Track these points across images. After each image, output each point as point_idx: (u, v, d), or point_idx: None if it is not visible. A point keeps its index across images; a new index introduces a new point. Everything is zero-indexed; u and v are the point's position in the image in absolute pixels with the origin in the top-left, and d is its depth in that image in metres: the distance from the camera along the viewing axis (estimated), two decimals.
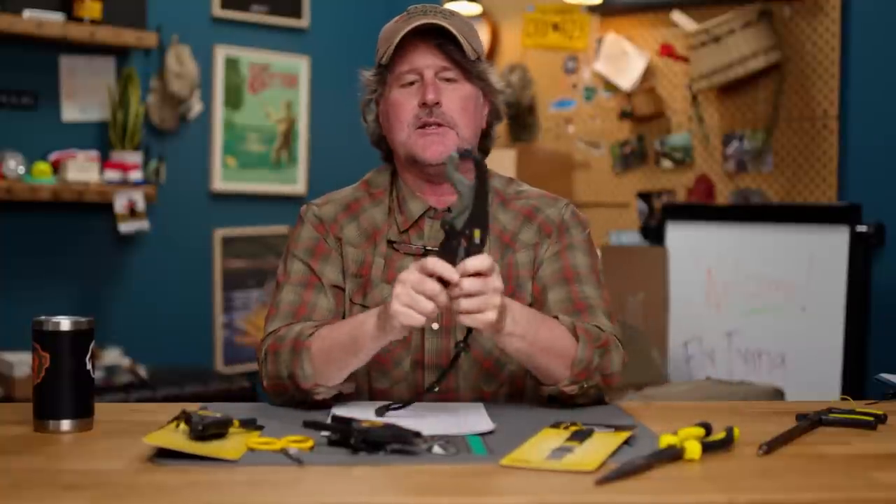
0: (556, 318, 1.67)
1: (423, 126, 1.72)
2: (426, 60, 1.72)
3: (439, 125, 1.71)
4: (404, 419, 1.42)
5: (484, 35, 4.46)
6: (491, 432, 1.46)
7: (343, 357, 1.60)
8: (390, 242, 1.77)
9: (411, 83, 1.73)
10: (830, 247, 3.43)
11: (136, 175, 3.67)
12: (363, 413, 1.51)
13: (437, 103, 1.70)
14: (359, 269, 1.77)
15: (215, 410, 1.44)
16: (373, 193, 1.82)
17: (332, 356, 1.60)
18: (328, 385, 1.62)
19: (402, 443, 1.32)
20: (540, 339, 1.59)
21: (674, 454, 1.29)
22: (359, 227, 1.79)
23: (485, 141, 1.83)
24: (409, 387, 1.73)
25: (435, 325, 1.73)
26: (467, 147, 1.56)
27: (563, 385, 1.63)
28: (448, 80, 1.73)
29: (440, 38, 1.71)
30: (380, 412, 1.53)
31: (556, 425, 1.44)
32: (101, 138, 3.74)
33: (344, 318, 1.74)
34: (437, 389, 1.57)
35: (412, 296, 1.46)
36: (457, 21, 1.75)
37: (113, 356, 3.59)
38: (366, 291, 1.75)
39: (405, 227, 1.78)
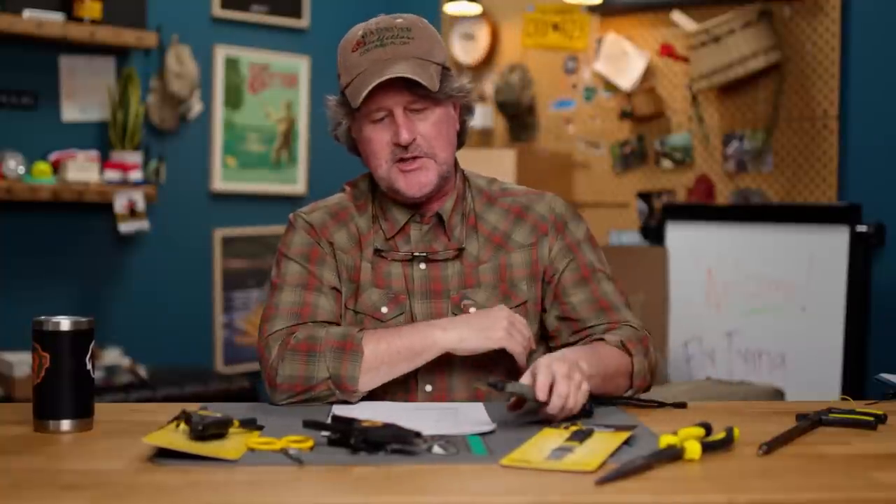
0: (603, 339, 1.73)
1: (402, 160, 1.73)
2: (394, 99, 1.71)
3: (417, 157, 1.73)
4: (404, 419, 1.42)
5: (484, 35, 4.46)
6: (491, 432, 1.46)
7: (400, 365, 1.67)
8: (377, 251, 1.79)
9: (382, 119, 1.74)
10: (830, 247, 3.43)
11: (136, 175, 3.67)
12: (369, 412, 1.51)
13: (412, 140, 1.72)
14: (350, 274, 1.79)
15: (215, 410, 1.44)
16: (358, 205, 1.84)
17: (382, 365, 1.65)
18: (363, 390, 1.66)
19: (402, 443, 1.32)
20: (603, 368, 1.65)
21: (674, 454, 1.29)
22: (348, 233, 1.81)
23: (460, 137, 1.85)
24: (403, 389, 1.73)
25: None
26: (494, 381, 1.54)
27: (626, 395, 1.72)
28: (418, 110, 1.73)
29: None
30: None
31: (556, 425, 1.44)
32: (101, 138, 3.75)
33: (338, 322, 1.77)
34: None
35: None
36: (416, 43, 1.72)
37: (113, 356, 3.59)
38: (356, 296, 1.77)
39: (391, 234, 1.80)
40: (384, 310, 1.76)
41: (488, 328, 1.66)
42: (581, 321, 1.78)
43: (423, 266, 1.78)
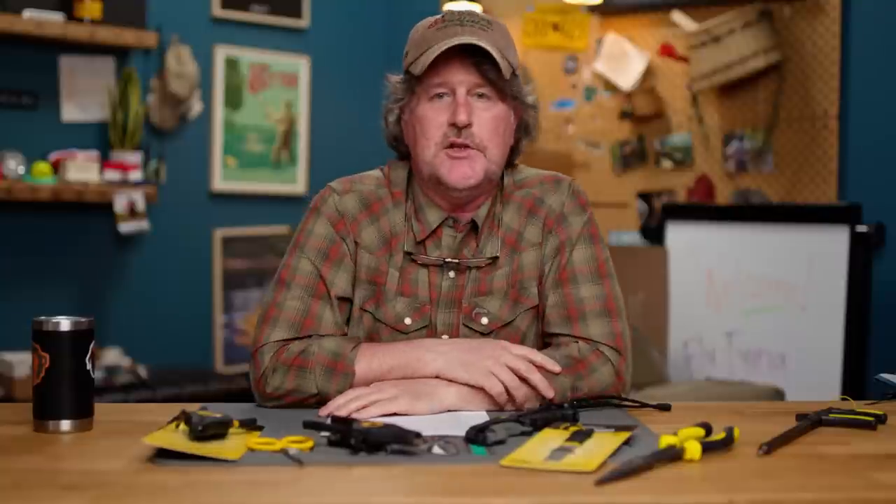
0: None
1: (451, 146, 1.66)
2: (460, 77, 1.65)
3: (468, 147, 1.66)
4: (404, 419, 1.42)
5: None
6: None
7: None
8: (407, 254, 1.72)
9: (441, 96, 1.67)
10: (830, 247, 3.43)
11: (136, 175, 3.67)
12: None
13: (469, 125, 1.65)
14: (372, 276, 1.71)
15: (215, 410, 1.44)
16: (394, 193, 1.75)
17: (372, 382, 1.61)
18: None
19: (402, 443, 1.32)
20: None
21: (674, 454, 1.29)
22: (378, 230, 1.72)
23: (511, 155, 1.78)
24: None
25: (445, 337, 1.71)
26: None
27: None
28: (480, 96, 1.67)
29: (477, 54, 1.65)
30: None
31: (556, 425, 1.44)
32: (101, 138, 3.75)
33: (348, 322, 1.72)
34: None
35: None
36: (494, 34, 1.67)
37: (113, 356, 3.59)
38: (378, 302, 1.70)
39: (423, 237, 1.72)
40: (408, 321, 1.70)
41: (472, 364, 1.58)
42: (548, 325, 1.71)
43: (452, 274, 1.71)
